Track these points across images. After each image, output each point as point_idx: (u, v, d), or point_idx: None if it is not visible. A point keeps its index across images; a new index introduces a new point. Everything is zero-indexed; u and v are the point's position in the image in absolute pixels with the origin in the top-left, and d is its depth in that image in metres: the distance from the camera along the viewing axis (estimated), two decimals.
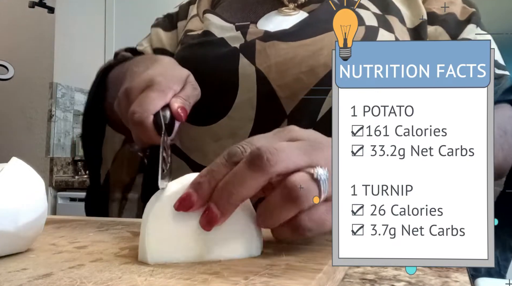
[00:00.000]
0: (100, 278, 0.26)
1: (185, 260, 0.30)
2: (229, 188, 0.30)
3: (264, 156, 0.30)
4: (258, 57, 0.56)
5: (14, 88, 2.28)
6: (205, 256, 0.31)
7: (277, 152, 0.30)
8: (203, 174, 0.31)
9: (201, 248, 0.31)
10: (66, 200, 2.17)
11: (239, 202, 0.30)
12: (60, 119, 2.31)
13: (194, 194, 0.30)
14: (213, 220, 0.30)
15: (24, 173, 0.34)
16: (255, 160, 0.30)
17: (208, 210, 0.30)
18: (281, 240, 0.34)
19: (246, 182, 0.30)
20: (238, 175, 0.30)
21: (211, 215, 0.30)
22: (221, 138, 0.56)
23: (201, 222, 0.30)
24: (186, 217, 0.31)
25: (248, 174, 0.30)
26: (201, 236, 0.31)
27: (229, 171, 0.31)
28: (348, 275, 0.31)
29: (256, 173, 0.30)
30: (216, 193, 0.30)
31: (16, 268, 0.29)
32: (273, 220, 0.31)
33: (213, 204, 0.30)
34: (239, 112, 0.56)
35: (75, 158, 2.36)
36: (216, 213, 0.30)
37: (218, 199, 0.30)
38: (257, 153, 0.30)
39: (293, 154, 0.31)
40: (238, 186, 0.30)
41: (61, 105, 2.31)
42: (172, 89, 0.44)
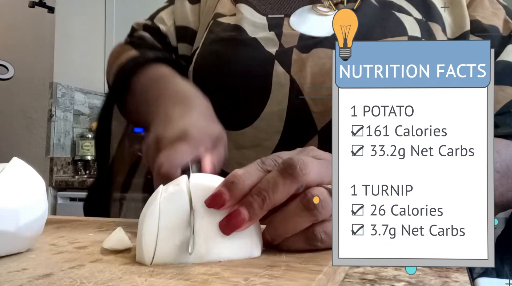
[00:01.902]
0: (100, 279, 0.26)
1: (184, 261, 0.30)
2: (262, 194, 0.31)
3: (297, 165, 0.31)
4: (294, 66, 0.53)
5: (14, 88, 2.28)
6: (204, 257, 0.30)
7: (307, 164, 0.31)
8: (238, 174, 0.32)
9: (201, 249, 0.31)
10: (66, 200, 2.17)
11: (270, 208, 0.31)
12: (60, 119, 2.31)
13: (226, 192, 0.31)
14: (238, 224, 0.30)
15: (25, 173, 0.34)
16: (288, 169, 0.31)
17: (236, 213, 0.30)
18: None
19: (279, 189, 0.31)
20: (271, 181, 0.31)
21: (238, 218, 0.30)
22: (244, 148, 0.54)
23: (224, 225, 0.30)
24: (184, 218, 0.31)
25: (280, 181, 0.31)
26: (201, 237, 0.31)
27: (262, 176, 0.32)
28: (348, 275, 0.31)
29: (288, 180, 0.31)
30: (249, 197, 0.31)
31: (16, 268, 0.29)
32: (287, 227, 0.32)
33: (243, 207, 0.31)
34: (266, 123, 0.53)
35: (75, 158, 2.36)
36: (245, 217, 0.30)
37: (251, 203, 0.31)
38: (290, 162, 0.31)
39: (318, 169, 0.32)
40: (271, 192, 0.31)
41: (61, 105, 2.31)
42: (203, 146, 0.42)
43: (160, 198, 0.31)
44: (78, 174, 2.35)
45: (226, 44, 0.58)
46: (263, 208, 0.31)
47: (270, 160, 0.33)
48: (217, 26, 0.61)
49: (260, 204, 0.31)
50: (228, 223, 0.30)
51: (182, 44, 0.66)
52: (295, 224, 0.32)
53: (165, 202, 0.31)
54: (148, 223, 0.30)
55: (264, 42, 0.56)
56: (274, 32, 0.56)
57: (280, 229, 0.32)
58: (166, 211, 0.31)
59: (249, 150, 0.54)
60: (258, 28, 0.57)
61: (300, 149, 0.36)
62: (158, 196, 0.31)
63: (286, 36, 0.56)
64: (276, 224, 0.32)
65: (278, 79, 0.53)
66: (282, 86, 0.53)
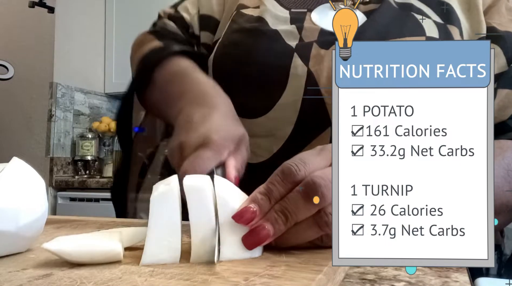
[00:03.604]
0: (100, 278, 0.26)
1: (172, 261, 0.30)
2: (285, 213, 0.32)
3: (319, 191, 0.31)
4: (312, 60, 0.54)
5: (14, 88, 2.28)
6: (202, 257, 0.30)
7: (329, 187, 0.31)
8: (262, 192, 0.33)
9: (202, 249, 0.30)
10: (66, 200, 2.17)
11: (291, 225, 0.32)
12: (60, 119, 2.31)
13: (255, 208, 0.32)
14: (263, 239, 0.31)
15: (25, 173, 0.34)
16: (311, 193, 0.31)
17: (262, 229, 0.31)
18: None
19: (300, 211, 0.32)
20: (293, 203, 0.32)
21: (263, 233, 0.31)
22: (257, 136, 0.54)
23: (248, 239, 0.31)
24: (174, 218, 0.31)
25: (302, 204, 0.32)
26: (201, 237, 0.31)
27: (285, 190, 0.33)
28: (348, 275, 0.31)
29: (310, 204, 0.32)
30: (274, 214, 0.32)
31: (16, 268, 0.29)
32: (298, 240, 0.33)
33: (268, 223, 0.32)
34: (280, 113, 0.54)
35: (75, 158, 2.36)
36: (270, 233, 0.31)
37: (276, 220, 0.32)
38: (313, 187, 0.31)
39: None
40: (294, 213, 0.32)
41: (61, 105, 2.31)
42: (227, 150, 0.42)
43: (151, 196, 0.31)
44: (78, 174, 2.35)
45: (247, 35, 0.58)
46: (286, 226, 0.32)
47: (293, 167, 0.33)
48: (240, 17, 0.62)
49: (284, 222, 0.32)
50: (253, 238, 0.31)
51: (204, 33, 0.66)
52: (306, 237, 0.33)
53: (155, 202, 0.31)
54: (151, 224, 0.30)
55: (285, 35, 0.56)
56: (296, 26, 0.57)
57: (292, 240, 0.33)
58: (155, 211, 0.30)
59: (261, 139, 0.54)
60: (280, 20, 0.58)
61: (321, 149, 0.36)
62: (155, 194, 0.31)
63: (306, 30, 0.56)
64: (288, 234, 0.33)
65: (296, 71, 0.54)
66: (299, 78, 0.53)
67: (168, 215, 0.31)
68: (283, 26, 0.57)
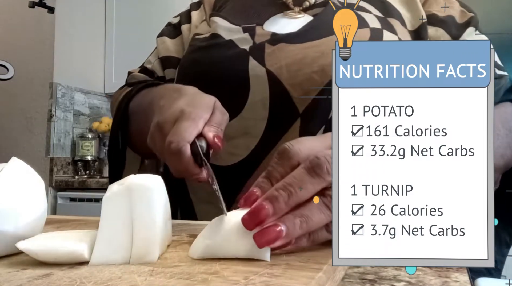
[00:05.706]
0: (100, 278, 0.26)
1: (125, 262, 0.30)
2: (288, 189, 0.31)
3: (324, 166, 0.31)
4: (268, 59, 0.56)
5: (14, 88, 2.28)
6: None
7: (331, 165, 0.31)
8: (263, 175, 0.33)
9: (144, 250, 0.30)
10: (66, 200, 2.17)
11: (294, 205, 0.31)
12: (60, 119, 2.31)
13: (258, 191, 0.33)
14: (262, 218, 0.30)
15: (24, 173, 0.34)
16: (315, 168, 0.31)
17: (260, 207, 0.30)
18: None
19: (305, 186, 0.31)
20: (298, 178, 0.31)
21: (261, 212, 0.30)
22: (234, 138, 0.56)
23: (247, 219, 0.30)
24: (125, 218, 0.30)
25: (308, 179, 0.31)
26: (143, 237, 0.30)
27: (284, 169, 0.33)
28: (348, 275, 0.31)
29: (315, 179, 0.31)
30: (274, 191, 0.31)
31: (16, 268, 0.29)
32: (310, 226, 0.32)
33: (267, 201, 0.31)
34: (251, 112, 0.56)
35: (75, 158, 2.36)
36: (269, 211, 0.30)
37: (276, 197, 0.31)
38: (317, 162, 0.32)
39: None
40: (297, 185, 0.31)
41: (61, 105, 2.31)
42: (202, 118, 0.44)
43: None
44: (78, 174, 2.35)
45: (204, 51, 0.63)
46: (288, 204, 0.31)
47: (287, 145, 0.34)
48: (195, 41, 0.66)
49: (286, 199, 0.31)
50: (251, 217, 0.30)
51: (168, 70, 0.71)
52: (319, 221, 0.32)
53: (107, 202, 0.30)
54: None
55: (239, 42, 0.60)
56: (248, 33, 0.60)
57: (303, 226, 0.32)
58: (107, 211, 0.30)
59: (238, 139, 0.57)
60: (233, 32, 0.62)
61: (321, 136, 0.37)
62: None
63: (259, 35, 0.60)
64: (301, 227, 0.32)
65: (255, 72, 0.56)
66: (259, 78, 0.56)
67: (119, 216, 0.30)
68: (237, 35, 0.61)
